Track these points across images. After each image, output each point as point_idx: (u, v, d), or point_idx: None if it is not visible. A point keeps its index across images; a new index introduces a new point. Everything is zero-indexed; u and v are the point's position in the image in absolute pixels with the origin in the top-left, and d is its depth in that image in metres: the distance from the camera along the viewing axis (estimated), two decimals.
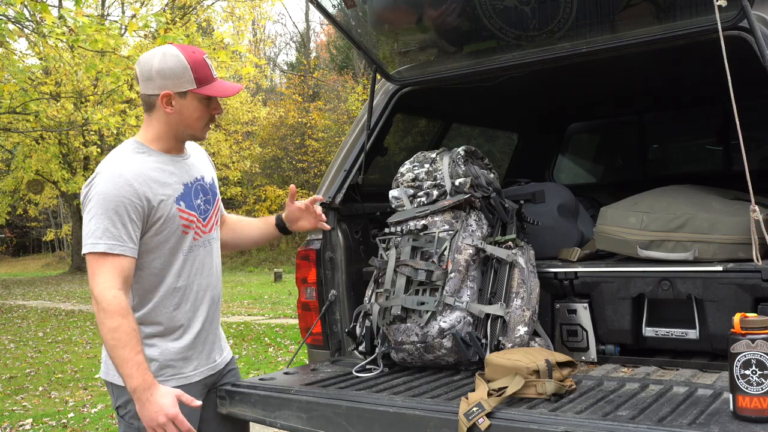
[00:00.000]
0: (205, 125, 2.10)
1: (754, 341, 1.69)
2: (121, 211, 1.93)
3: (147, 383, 1.89)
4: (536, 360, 2.04)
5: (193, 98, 2.03)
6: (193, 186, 2.13)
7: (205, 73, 2.04)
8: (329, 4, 2.77)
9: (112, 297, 1.89)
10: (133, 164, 2.01)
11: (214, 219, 2.21)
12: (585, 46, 2.55)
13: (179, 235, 2.06)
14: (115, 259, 1.92)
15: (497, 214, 2.59)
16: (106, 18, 18.16)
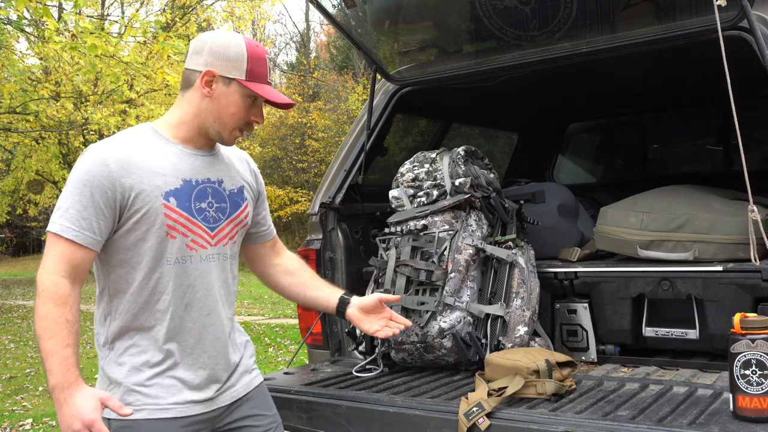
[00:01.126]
0: (236, 126, 1.82)
1: (754, 341, 1.69)
2: (86, 194, 1.68)
3: (67, 382, 1.65)
4: (536, 360, 2.04)
5: (237, 90, 1.78)
6: (199, 186, 1.81)
7: (261, 71, 1.80)
8: (329, 4, 2.77)
9: (49, 282, 1.67)
10: (124, 146, 1.75)
11: (229, 233, 1.87)
12: (585, 46, 2.55)
13: (161, 237, 1.74)
14: (67, 245, 1.69)
15: (497, 214, 2.59)
16: (105, 18, 18.16)
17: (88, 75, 9.39)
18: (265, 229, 2.09)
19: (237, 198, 1.90)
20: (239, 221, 1.89)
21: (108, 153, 1.72)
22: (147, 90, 16.29)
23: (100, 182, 1.68)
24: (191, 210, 1.78)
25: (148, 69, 10.65)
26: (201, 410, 1.80)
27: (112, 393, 1.78)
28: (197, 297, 1.80)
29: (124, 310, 1.78)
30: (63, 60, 10.18)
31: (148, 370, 1.76)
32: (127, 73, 10.04)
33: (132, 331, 1.78)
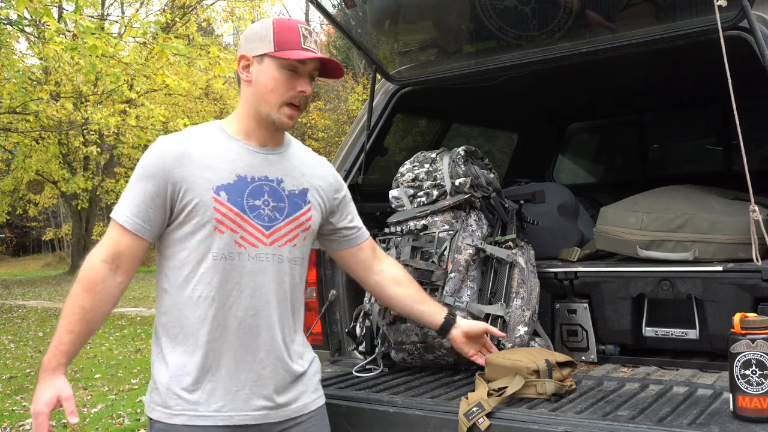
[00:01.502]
0: (281, 102, 1.75)
1: (754, 341, 1.69)
2: (142, 184, 1.71)
3: (50, 365, 1.66)
4: (536, 360, 2.04)
5: (271, 64, 1.74)
6: (255, 183, 1.77)
7: (290, 38, 1.73)
8: (329, 4, 2.77)
9: (87, 265, 1.69)
10: (184, 139, 1.77)
11: (287, 234, 1.81)
12: (585, 46, 2.55)
13: (209, 231, 1.71)
14: (116, 229, 1.71)
15: (497, 214, 2.59)
16: (105, 18, 18.16)
17: (88, 75, 9.40)
18: (356, 230, 2.04)
19: (298, 199, 1.84)
20: (300, 224, 1.83)
21: (166, 146, 1.75)
22: (147, 90, 16.30)
23: (155, 173, 1.71)
24: (243, 206, 1.74)
25: (148, 69, 10.65)
26: (243, 422, 1.73)
27: (154, 394, 1.77)
28: (243, 296, 1.74)
29: (170, 305, 1.76)
30: (63, 60, 10.18)
31: (189, 373, 1.72)
32: (127, 73, 10.03)
33: (176, 328, 1.75)
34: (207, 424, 1.70)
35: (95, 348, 8.94)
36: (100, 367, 7.66)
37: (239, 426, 1.73)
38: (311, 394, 1.89)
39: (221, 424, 1.71)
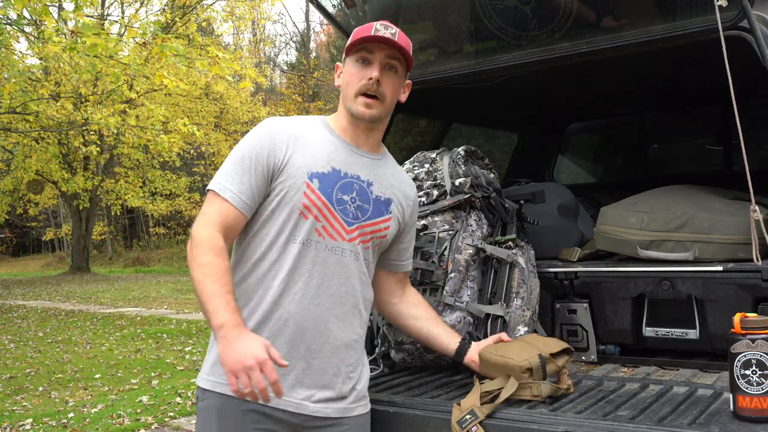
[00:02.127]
0: (356, 93, 1.82)
1: (754, 341, 1.69)
2: (248, 159, 1.76)
3: (236, 321, 1.62)
4: (529, 357, 1.96)
5: (348, 62, 1.85)
6: (346, 179, 1.83)
7: (362, 33, 1.80)
8: (329, 4, 2.77)
9: (208, 234, 1.70)
10: (290, 124, 1.85)
11: (366, 235, 1.85)
12: (585, 46, 2.55)
13: (296, 216, 1.76)
14: (223, 203, 1.74)
15: (497, 214, 2.59)
16: (105, 18, 18.16)
17: (87, 76, 9.40)
18: (404, 260, 2.09)
19: (382, 206, 1.90)
20: (377, 229, 1.88)
21: (274, 126, 1.83)
22: (147, 90, 16.30)
23: (260, 151, 1.77)
24: (331, 197, 1.80)
25: (147, 70, 10.66)
26: (281, 406, 1.75)
27: (206, 364, 1.83)
28: (311, 284, 1.78)
29: (240, 278, 1.79)
30: (63, 60, 10.18)
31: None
32: (126, 74, 10.03)
33: (240, 302, 1.76)
34: (245, 402, 1.70)
35: (95, 348, 8.94)
36: (100, 367, 7.66)
37: (276, 409, 1.75)
38: (356, 400, 1.89)
39: (264, 403, 1.69)
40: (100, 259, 30.84)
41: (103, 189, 23.22)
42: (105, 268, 27.89)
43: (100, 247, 32.19)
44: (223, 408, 1.75)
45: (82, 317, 12.22)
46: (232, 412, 1.75)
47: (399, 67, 1.86)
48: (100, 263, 29.58)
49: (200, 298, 1.66)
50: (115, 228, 32.40)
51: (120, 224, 33.34)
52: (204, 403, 1.80)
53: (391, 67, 1.84)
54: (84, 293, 17.09)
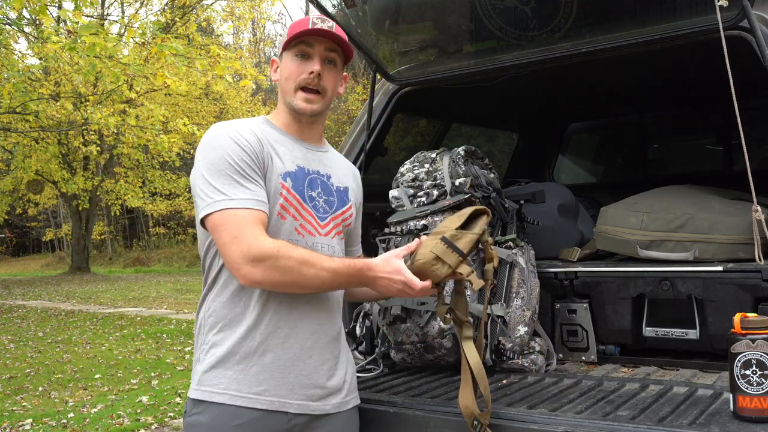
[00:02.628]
0: (295, 87, 1.80)
1: (754, 341, 1.69)
2: (238, 163, 1.73)
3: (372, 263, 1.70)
4: (431, 246, 1.74)
5: (286, 57, 1.82)
6: (311, 175, 1.83)
7: (299, 27, 1.78)
8: (329, 4, 2.76)
9: (268, 242, 1.65)
10: (250, 125, 1.80)
11: (336, 227, 1.87)
12: (585, 46, 2.55)
13: (274, 217, 1.73)
14: (250, 212, 1.71)
15: (497, 214, 2.59)
16: (105, 18, 18.16)
17: (87, 76, 9.39)
18: (356, 246, 2.07)
19: (343, 196, 1.92)
20: (344, 219, 1.90)
21: (235, 129, 1.75)
22: (147, 90, 16.29)
23: (244, 153, 1.71)
24: (304, 195, 1.80)
25: (147, 70, 10.65)
26: (282, 408, 1.74)
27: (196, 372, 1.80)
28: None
29: (227, 284, 1.76)
30: (62, 60, 10.18)
31: (237, 352, 1.73)
32: (126, 74, 10.03)
33: (232, 306, 1.75)
34: (246, 405, 1.71)
35: (95, 348, 8.93)
36: (100, 367, 7.65)
37: (277, 413, 1.74)
38: (349, 393, 1.90)
39: (261, 408, 1.72)
40: (100, 259, 30.83)
41: (103, 189, 23.21)
42: (105, 268, 27.89)
43: (100, 247, 32.19)
44: (214, 425, 1.72)
45: (81, 317, 12.22)
46: (223, 428, 1.71)
47: (338, 60, 1.85)
48: (100, 263, 29.57)
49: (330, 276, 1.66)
50: (115, 228, 32.40)
51: (120, 224, 33.33)
52: (193, 418, 1.75)
53: (331, 61, 1.83)
54: (84, 293, 17.08)
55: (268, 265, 1.61)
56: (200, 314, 1.82)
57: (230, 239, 1.63)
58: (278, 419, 1.74)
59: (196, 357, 1.82)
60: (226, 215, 1.64)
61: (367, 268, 1.70)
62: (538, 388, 2.15)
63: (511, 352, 2.38)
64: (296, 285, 1.68)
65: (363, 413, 2.04)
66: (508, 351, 2.38)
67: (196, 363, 1.81)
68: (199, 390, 1.75)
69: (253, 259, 1.61)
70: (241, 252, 1.61)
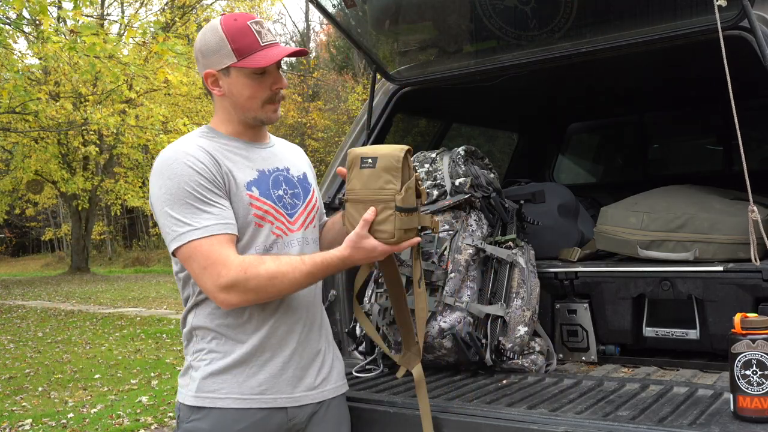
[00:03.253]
0: (262, 104, 1.78)
1: (754, 341, 1.69)
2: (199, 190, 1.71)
3: (343, 253, 1.69)
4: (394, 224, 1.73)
5: (238, 74, 1.74)
6: (273, 174, 1.83)
7: (247, 42, 1.71)
8: (329, 4, 2.76)
9: (237, 260, 1.67)
10: (200, 143, 1.75)
11: (306, 218, 1.87)
12: (585, 46, 2.55)
13: (252, 228, 1.74)
14: (216, 239, 1.70)
15: (497, 214, 2.59)
16: (105, 18, 18.15)
17: (85, 76, 9.39)
18: (322, 220, 2.07)
19: (305, 183, 1.93)
20: (312, 205, 1.91)
21: (188, 150, 1.72)
22: (146, 90, 16.30)
23: (202, 177, 1.69)
24: (272, 197, 1.80)
25: (147, 70, 10.65)
26: (287, 404, 1.77)
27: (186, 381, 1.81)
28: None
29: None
30: (62, 60, 10.18)
31: (239, 352, 1.75)
32: (126, 73, 10.03)
33: (231, 319, 1.76)
34: (248, 407, 1.73)
35: (95, 348, 8.93)
36: (100, 367, 7.65)
37: (278, 409, 1.77)
38: (339, 378, 1.95)
39: (265, 407, 1.75)
40: (100, 259, 30.83)
41: (103, 189, 23.22)
42: (104, 268, 27.89)
43: (99, 247, 32.19)
44: (215, 430, 1.72)
45: (81, 317, 12.21)
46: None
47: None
48: (99, 263, 29.57)
49: (309, 278, 1.69)
50: (115, 228, 32.39)
51: (119, 224, 33.33)
52: (192, 424, 1.74)
53: (279, 65, 1.81)
54: (83, 293, 17.08)
55: (240, 290, 1.64)
56: (190, 321, 1.81)
57: (200, 270, 1.65)
58: (280, 417, 1.77)
59: (188, 363, 1.82)
60: (192, 247, 1.65)
61: (342, 263, 1.71)
62: (538, 388, 2.15)
63: (511, 352, 2.38)
64: (274, 297, 1.71)
65: (363, 413, 2.05)
66: (508, 351, 2.38)
67: (189, 369, 1.81)
68: (200, 397, 1.75)
69: (224, 288, 1.64)
70: (212, 282, 1.64)
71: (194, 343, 1.81)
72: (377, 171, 1.72)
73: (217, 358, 1.76)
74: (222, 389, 1.74)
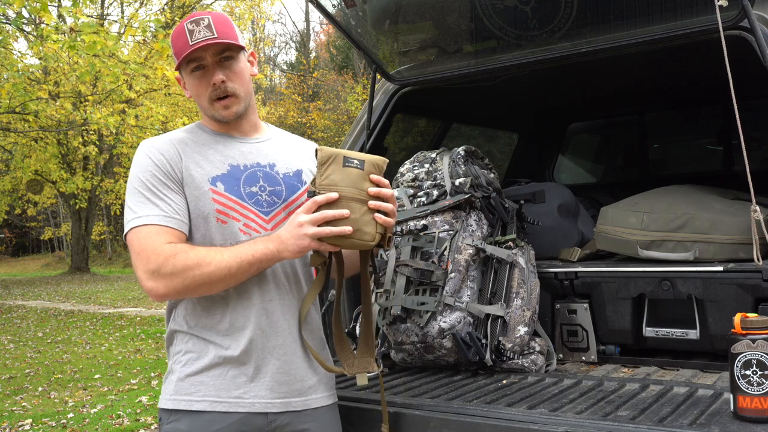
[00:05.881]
0: (210, 101, 1.78)
1: (754, 341, 1.69)
2: (152, 181, 1.73)
3: (268, 239, 1.67)
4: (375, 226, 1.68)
5: (185, 74, 1.79)
6: (248, 170, 1.80)
7: (181, 43, 1.73)
8: (329, 4, 2.76)
9: (163, 250, 1.66)
10: (174, 136, 1.81)
11: (288, 217, 1.79)
12: (585, 45, 2.55)
13: (214, 222, 1.72)
14: (156, 229, 1.71)
15: (497, 214, 2.59)
16: (105, 18, 18.15)
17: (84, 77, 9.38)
18: None
19: (293, 181, 1.85)
20: (299, 205, 1.80)
21: (154, 143, 1.77)
22: (146, 90, 16.30)
23: (158, 169, 1.72)
24: (241, 194, 1.76)
25: (147, 69, 10.65)
26: (265, 409, 1.73)
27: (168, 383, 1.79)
28: (252, 281, 1.73)
29: (192, 300, 1.76)
30: (62, 60, 10.17)
31: (224, 354, 1.73)
32: (126, 73, 10.03)
33: (199, 318, 1.76)
34: (225, 411, 1.71)
35: (95, 348, 8.93)
36: (100, 367, 7.65)
37: (259, 414, 1.73)
38: (327, 389, 1.88)
39: (242, 411, 1.71)
40: (100, 259, 30.83)
41: (102, 189, 23.22)
42: (104, 268, 27.89)
43: (99, 247, 32.19)
44: (193, 430, 1.72)
45: (81, 317, 12.21)
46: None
47: (234, 52, 1.80)
48: (99, 263, 29.57)
49: (242, 270, 1.64)
50: (115, 228, 32.39)
51: (120, 224, 33.31)
52: (171, 425, 1.73)
53: (227, 58, 1.78)
54: (83, 293, 17.08)
55: (165, 275, 1.62)
56: (170, 325, 1.83)
57: (135, 257, 1.67)
58: (259, 420, 1.73)
59: (168, 368, 1.82)
60: (132, 234, 1.68)
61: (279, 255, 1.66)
62: (538, 389, 2.15)
63: (511, 352, 2.38)
64: (204, 284, 1.65)
65: (363, 414, 2.05)
66: (508, 351, 2.38)
67: (169, 374, 1.80)
68: (176, 399, 1.73)
69: (152, 273, 1.63)
70: (142, 268, 1.64)
71: (173, 346, 1.81)
72: (364, 173, 1.70)
73: (192, 359, 1.74)
74: (199, 391, 1.72)
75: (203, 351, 1.74)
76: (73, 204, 22.90)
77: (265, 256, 1.67)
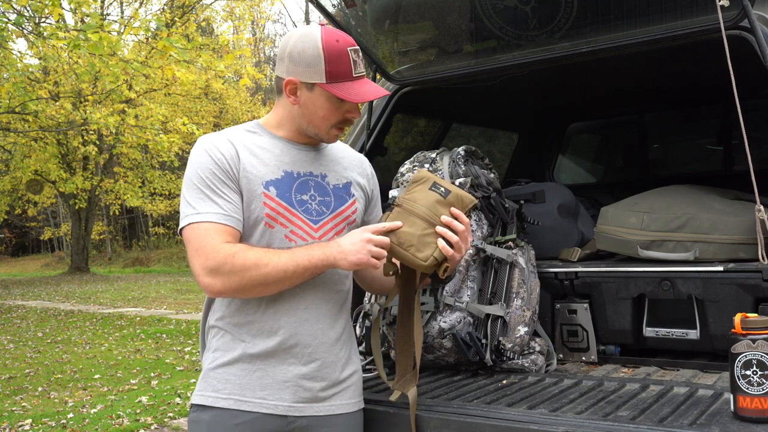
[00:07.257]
0: (331, 127, 1.79)
1: (754, 341, 1.68)
2: (210, 177, 1.74)
3: (326, 247, 1.70)
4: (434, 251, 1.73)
5: (321, 94, 1.74)
6: (301, 179, 1.80)
7: (342, 69, 1.72)
8: (329, 4, 2.76)
9: (223, 249, 1.67)
10: (233, 134, 1.80)
11: (334, 227, 1.82)
12: (585, 45, 2.55)
13: (261, 227, 1.74)
14: (214, 227, 1.72)
15: (497, 214, 2.59)
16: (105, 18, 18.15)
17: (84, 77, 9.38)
18: None
19: (342, 193, 1.87)
20: (345, 216, 1.85)
21: (213, 141, 1.77)
22: (146, 90, 16.30)
23: (216, 165, 1.73)
24: (292, 201, 1.78)
25: (147, 68, 10.64)
26: (287, 412, 1.76)
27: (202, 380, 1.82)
28: (296, 291, 1.75)
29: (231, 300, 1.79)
30: (62, 60, 10.18)
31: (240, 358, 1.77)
32: (126, 72, 10.02)
33: (236, 317, 1.79)
34: (248, 410, 1.74)
35: (95, 348, 8.93)
36: (100, 367, 7.65)
37: (277, 416, 1.76)
38: (353, 395, 1.90)
39: (264, 412, 1.75)
40: (100, 259, 30.83)
41: (102, 189, 23.21)
42: (104, 269, 27.89)
43: (99, 248, 32.17)
44: (214, 421, 1.76)
45: (81, 317, 12.21)
46: (224, 426, 1.75)
47: None
48: (99, 263, 29.57)
49: (294, 270, 1.66)
50: (115, 228, 32.39)
51: (119, 224, 33.32)
52: (195, 415, 1.80)
53: None
54: (83, 293, 17.07)
55: (224, 273, 1.64)
56: (208, 321, 1.86)
57: (192, 252, 1.69)
58: (279, 421, 1.77)
59: (202, 363, 1.87)
60: (190, 230, 1.70)
61: (336, 263, 1.69)
62: (539, 389, 2.15)
63: (511, 352, 2.38)
64: (261, 284, 1.67)
65: (363, 413, 2.04)
66: (508, 351, 2.38)
67: (203, 370, 1.85)
68: (203, 395, 1.78)
69: (210, 270, 1.65)
70: (200, 264, 1.66)
71: (208, 341, 1.85)
72: (445, 202, 1.77)
73: (222, 355, 1.78)
74: (225, 389, 1.76)
75: (233, 348, 1.77)
76: (73, 204, 22.89)
77: (322, 262, 1.69)
